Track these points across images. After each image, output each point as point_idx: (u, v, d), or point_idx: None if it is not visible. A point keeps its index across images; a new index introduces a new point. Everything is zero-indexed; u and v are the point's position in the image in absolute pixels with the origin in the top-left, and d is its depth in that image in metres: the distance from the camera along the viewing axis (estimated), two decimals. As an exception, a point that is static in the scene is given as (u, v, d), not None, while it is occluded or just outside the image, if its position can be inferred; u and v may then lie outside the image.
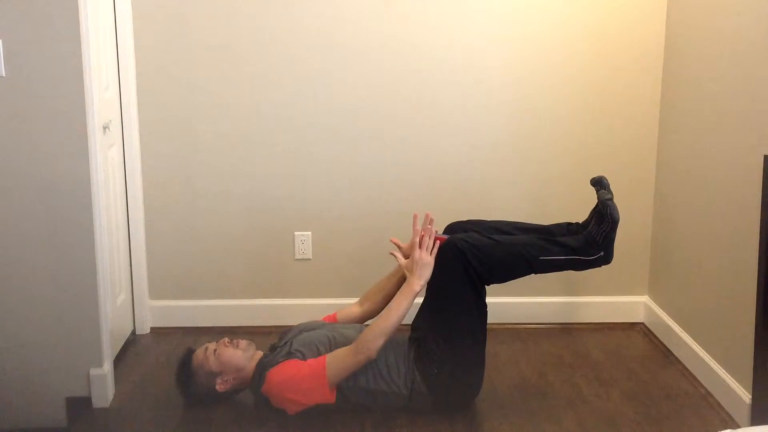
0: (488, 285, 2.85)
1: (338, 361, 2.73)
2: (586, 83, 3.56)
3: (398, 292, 2.83)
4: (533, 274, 2.90)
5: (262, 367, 2.81)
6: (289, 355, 2.80)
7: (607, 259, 2.88)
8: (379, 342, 2.71)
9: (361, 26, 3.48)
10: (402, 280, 2.90)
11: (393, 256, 2.92)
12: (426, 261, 2.78)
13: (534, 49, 3.52)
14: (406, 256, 2.88)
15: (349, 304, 3.20)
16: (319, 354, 2.80)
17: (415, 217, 2.89)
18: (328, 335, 2.88)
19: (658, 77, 3.56)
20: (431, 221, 2.84)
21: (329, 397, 2.76)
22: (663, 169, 3.58)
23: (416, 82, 3.53)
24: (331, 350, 2.81)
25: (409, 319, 2.90)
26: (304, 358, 2.79)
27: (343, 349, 2.75)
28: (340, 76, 3.52)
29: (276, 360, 2.80)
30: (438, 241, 2.80)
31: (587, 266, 2.89)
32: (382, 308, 2.96)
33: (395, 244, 2.99)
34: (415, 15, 3.48)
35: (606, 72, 3.55)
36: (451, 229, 3.03)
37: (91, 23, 2.82)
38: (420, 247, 2.79)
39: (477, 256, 2.76)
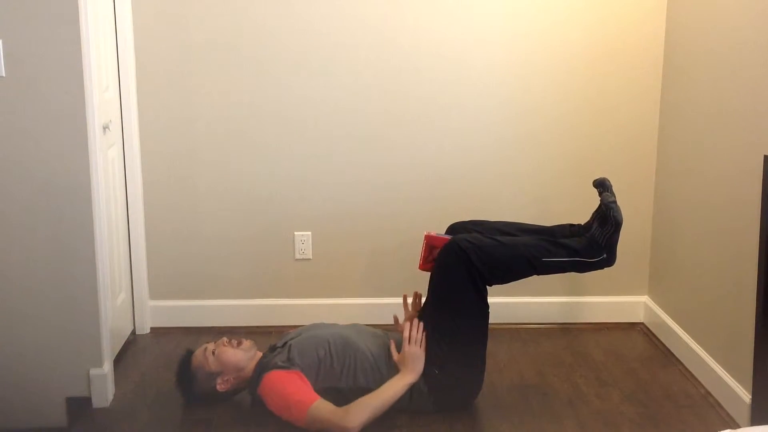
0: (490, 285, 2.84)
1: (320, 413, 2.64)
2: (586, 83, 3.55)
3: (392, 379, 2.79)
4: (535, 275, 2.90)
5: (261, 368, 2.80)
6: (289, 361, 2.77)
7: (610, 261, 2.87)
8: (364, 418, 2.64)
9: (361, 26, 3.48)
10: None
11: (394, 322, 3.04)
12: (417, 355, 2.79)
13: (535, 49, 3.52)
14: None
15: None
16: (318, 358, 2.78)
17: (404, 297, 3.06)
18: (329, 339, 2.84)
19: (658, 77, 3.56)
20: (419, 298, 3.02)
21: (303, 426, 2.69)
22: (663, 169, 3.58)
23: (417, 82, 3.53)
24: (330, 354, 2.79)
25: (409, 320, 2.91)
26: (302, 370, 2.75)
27: (329, 407, 2.65)
28: (342, 76, 3.52)
29: (275, 364, 2.77)
30: (425, 333, 2.83)
31: (590, 268, 2.88)
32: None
33: (395, 318, 3.07)
34: (416, 15, 3.48)
35: (606, 71, 3.55)
36: (453, 229, 3.03)
37: (91, 23, 2.82)
38: (409, 342, 2.80)
39: (479, 256, 2.76)
